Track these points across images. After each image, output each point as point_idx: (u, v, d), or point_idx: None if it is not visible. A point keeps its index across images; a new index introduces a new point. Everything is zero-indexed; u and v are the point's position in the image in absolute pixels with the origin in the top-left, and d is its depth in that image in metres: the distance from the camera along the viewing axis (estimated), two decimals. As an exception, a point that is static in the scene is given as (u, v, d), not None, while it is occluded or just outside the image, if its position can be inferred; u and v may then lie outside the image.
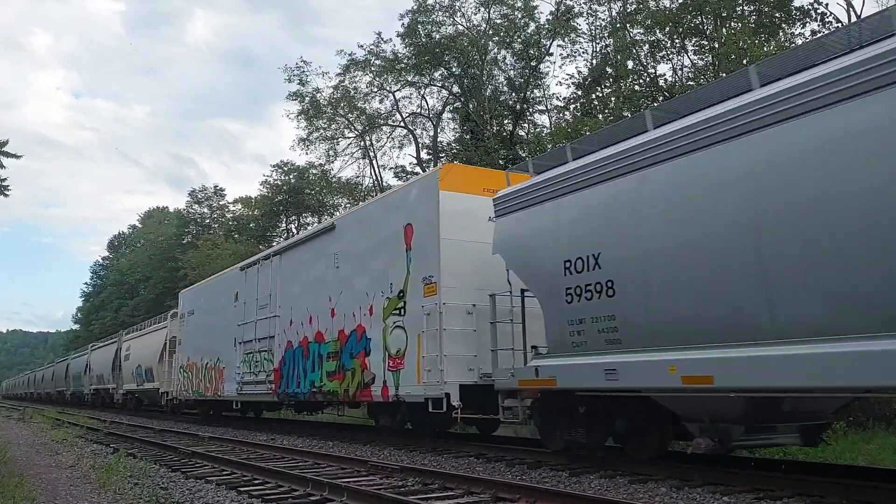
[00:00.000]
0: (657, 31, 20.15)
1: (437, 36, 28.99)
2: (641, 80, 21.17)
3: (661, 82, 20.75)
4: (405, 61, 30.14)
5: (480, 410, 10.01)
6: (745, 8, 19.70)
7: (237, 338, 17.23)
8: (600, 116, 20.34)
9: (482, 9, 28.75)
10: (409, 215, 11.13)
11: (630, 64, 21.58)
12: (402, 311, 11.02)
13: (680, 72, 20.87)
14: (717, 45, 18.65)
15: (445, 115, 32.45)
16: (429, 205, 10.63)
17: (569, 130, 19.46)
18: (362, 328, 12.06)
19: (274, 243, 41.91)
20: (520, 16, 28.18)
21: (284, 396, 15.07)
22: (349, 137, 34.44)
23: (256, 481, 8.33)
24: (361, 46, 30.95)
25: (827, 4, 18.21)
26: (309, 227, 19.75)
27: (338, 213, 30.56)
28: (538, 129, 27.63)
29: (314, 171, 37.49)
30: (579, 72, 24.44)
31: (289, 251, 15.55)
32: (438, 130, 32.50)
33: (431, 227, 10.46)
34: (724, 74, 17.26)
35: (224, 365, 18.19)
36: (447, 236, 10.25)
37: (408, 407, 11.37)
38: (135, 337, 30.64)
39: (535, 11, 28.01)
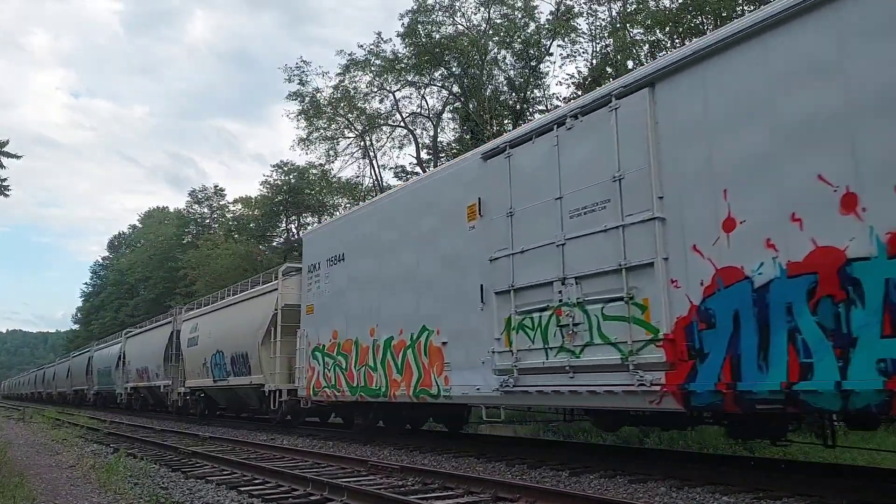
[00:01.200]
0: (657, 31, 20.18)
1: (437, 36, 29.00)
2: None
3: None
4: (405, 61, 30.15)
5: None
6: (744, 8, 19.71)
7: (487, 284, 9.26)
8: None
9: (482, 9, 28.79)
10: None
11: (630, 64, 21.58)
12: None
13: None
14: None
15: (445, 115, 32.50)
16: None
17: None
18: None
19: (274, 243, 42.11)
20: (520, 16, 28.20)
21: (733, 400, 6.29)
22: (349, 137, 34.46)
23: (256, 481, 8.34)
24: (361, 46, 31.04)
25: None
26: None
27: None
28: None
29: (314, 171, 37.51)
30: (579, 72, 24.52)
31: (698, 65, 6.91)
32: (438, 130, 32.54)
33: None
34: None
35: (446, 339, 10.08)
36: None
37: None
38: (206, 312, 21.68)
39: (535, 11, 28.07)
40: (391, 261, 11.57)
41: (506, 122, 28.30)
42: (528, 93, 28.36)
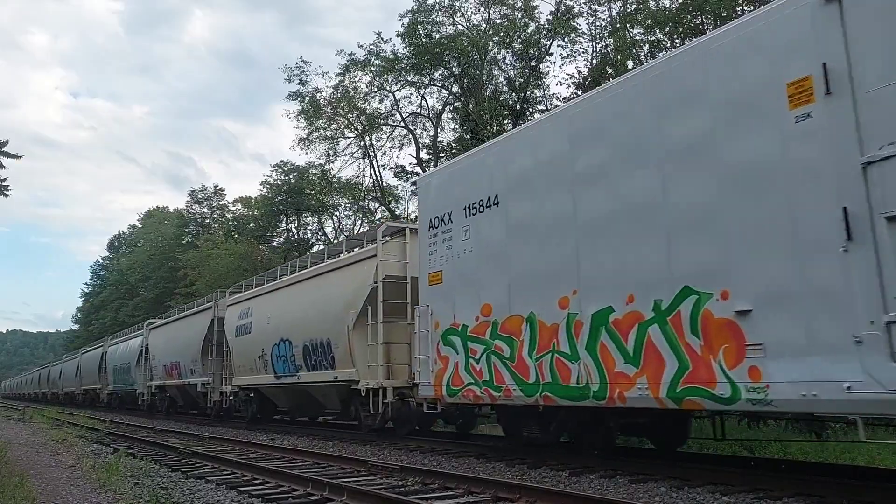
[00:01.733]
0: (657, 31, 20.20)
1: (437, 36, 29.01)
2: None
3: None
4: (405, 61, 30.16)
5: None
6: (745, 8, 19.72)
7: (857, 208, 5.52)
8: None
9: (482, 9, 28.82)
10: None
11: (630, 64, 21.60)
12: None
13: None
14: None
15: (445, 115, 32.52)
16: None
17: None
18: None
19: (274, 243, 42.07)
20: (520, 16, 28.21)
21: None
22: (349, 137, 34.50)
23: (256, 481, 8.34)
24: (361, 46, 31.07)
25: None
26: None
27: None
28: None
29: (314, 171, 37.54)
30: (579, 72, 24.54)
31: None
32: (438, 130, 32.55)
33: None
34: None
35: (747, 305, 6.26)
36: None
37: None
38: (264, 292, 17.54)
39: (535, 11, 28.09)
40: (599, 193, 7.84)
41: (506, 121, 28.32)
42: (528, 93, 28.36)
